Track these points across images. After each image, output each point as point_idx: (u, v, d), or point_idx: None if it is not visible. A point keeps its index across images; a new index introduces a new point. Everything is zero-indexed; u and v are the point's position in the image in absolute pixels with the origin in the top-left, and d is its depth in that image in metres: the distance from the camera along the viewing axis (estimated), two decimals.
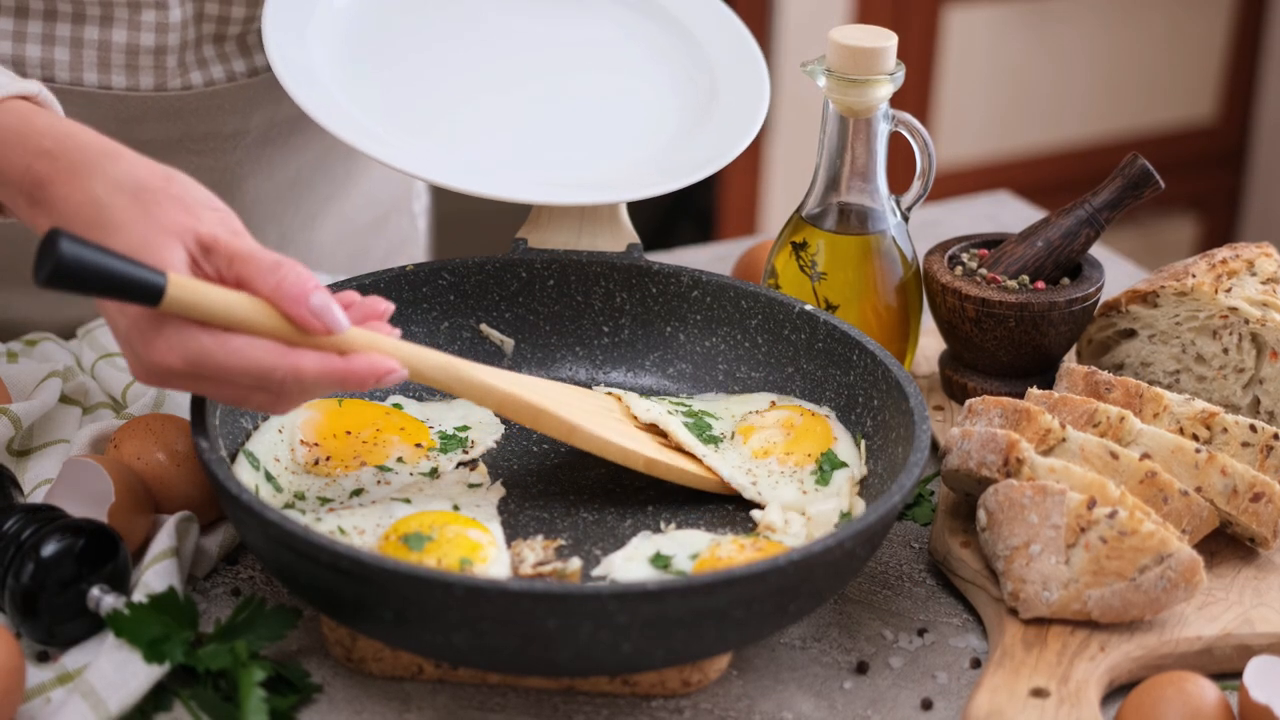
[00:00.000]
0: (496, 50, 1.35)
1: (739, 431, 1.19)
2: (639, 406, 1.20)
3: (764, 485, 1.16)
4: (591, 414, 1.16)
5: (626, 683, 1.04)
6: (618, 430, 1.16)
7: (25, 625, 1.04)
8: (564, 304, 1.27)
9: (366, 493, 1.14)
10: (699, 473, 1.16)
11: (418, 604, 0.95)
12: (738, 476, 1.16)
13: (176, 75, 1.31)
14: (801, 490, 1.15)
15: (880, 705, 1.05)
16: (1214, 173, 3.52)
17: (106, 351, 1.31)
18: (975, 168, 3.24)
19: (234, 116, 1.35)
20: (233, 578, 1.14)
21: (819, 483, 1.15)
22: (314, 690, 1.04)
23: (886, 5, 3.03)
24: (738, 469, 1.17)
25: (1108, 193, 1.30)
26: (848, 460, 1.17)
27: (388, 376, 1.01)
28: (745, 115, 1.32)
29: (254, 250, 1.00)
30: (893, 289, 1.28)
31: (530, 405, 1.11)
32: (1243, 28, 3.42)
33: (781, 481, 1.16)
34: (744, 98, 1.34)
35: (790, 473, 1.16)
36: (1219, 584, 1.13)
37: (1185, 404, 1.17)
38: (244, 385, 0.99)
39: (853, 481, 1.15)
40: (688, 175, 1.26)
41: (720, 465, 1.16)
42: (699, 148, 1.30)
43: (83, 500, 1.09)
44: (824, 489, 1.15)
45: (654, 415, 1.19)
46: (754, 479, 1.16)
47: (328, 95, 1.25)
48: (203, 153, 1.36)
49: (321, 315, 0.99)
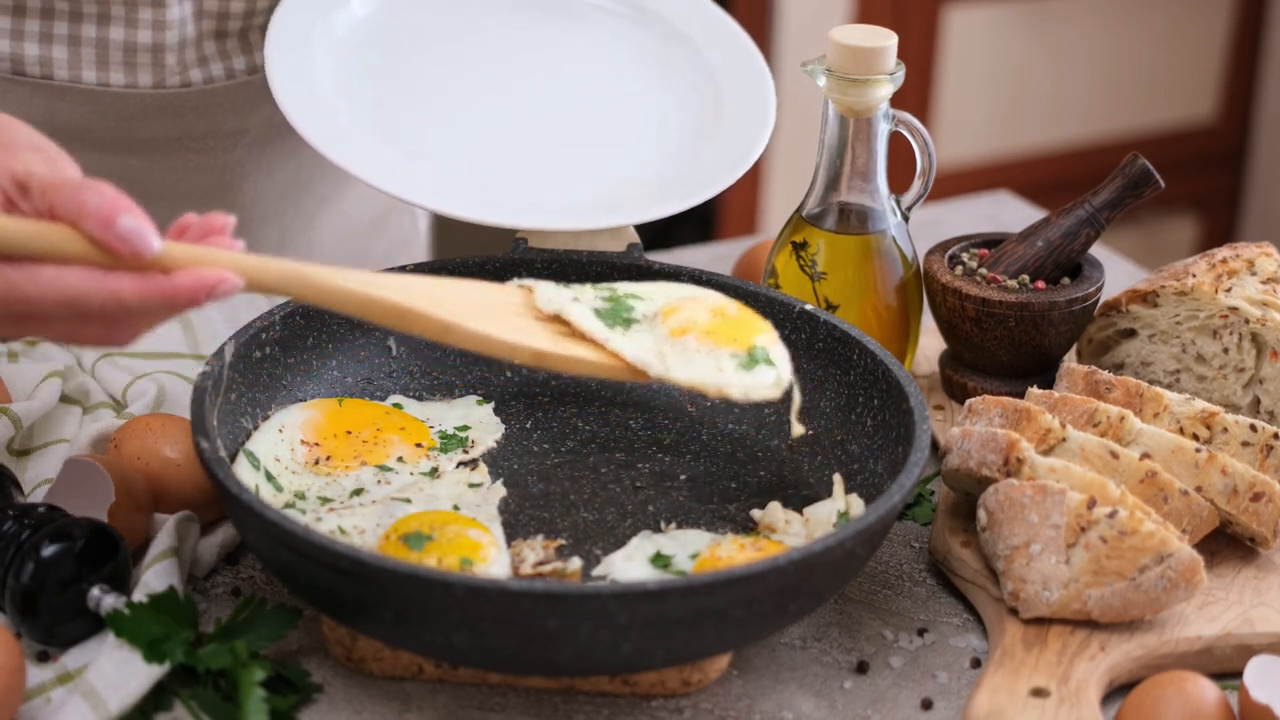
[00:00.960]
0: (502, 70, 1.34)
1: (663, 312, 1.09)
2: (543, 297, 1.08)
3: (674, 362, 1.05)
4: (475, 309, 1.05)
5: (626, 682, 1.04)
6: (505, 325, 1.05)
7: (25, 625, 1.04)
8: None
9: (367, 492, 1.14)
10: (598, 360, 1.05)
11: (418, 604, 0.95)
12: (643, 355, 1.05)
13: (175, 73, 1.31)
14: (718, 368, 1.05)
15: (880, 705, 1.05)
16: (1214, 173, 3.52)
17: (107, 351, 1.31)
18: (975, 168, 3.24)
19: (233, 115, 1.35)
20: (233, 577, 1.14)
21: (741, 367, 1.05)
22: (314, 690, 1.04)
23: (886, 5, 3.03)
24: (646, 348, 1.06)
25: (1108, 192, 1.30)
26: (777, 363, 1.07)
27: (218, 288, 0.94)
28: (751, 130, 1.31)
29: (66, 178, 0.95)
30: (893, 289, 1.28)
31: (394, 305, 1.01)
32: (1243, 28, 3.42)
33: (696, 359, 1.05)
34: (749, 112, 1.33)
35: (708, 350, 1.06)
36: (1219, 584, 1.13)
37: (1185, 404, 1.17)
38: (64, 318, 0.94)
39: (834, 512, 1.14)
40: (694, 194, 1.25)
41: (624, 346, 1.05)
42: (704, 165, 1.29)
43: (83, 500, 1.09)
44: (746, 375, 1.05)
45: (555, 305, 1.07)
46: (663, 356, 1.05)
47: (332, 122, 1.24)
48: (202, 151, 1.36)
49: (129, 239, 0.93)
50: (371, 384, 1.24)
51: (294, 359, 1.20)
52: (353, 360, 1.23)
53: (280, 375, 1.19)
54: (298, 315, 1.19)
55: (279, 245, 1.45)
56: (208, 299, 0.94)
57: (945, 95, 3.16)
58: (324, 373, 1.22)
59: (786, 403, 1.22)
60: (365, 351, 1.24)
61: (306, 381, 1.21)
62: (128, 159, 1.34)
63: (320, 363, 1.22)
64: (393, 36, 1.33)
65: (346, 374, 1.23)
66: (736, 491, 1.18)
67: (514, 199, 1.25)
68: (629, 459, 1.20)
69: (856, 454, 1.17)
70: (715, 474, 1.19)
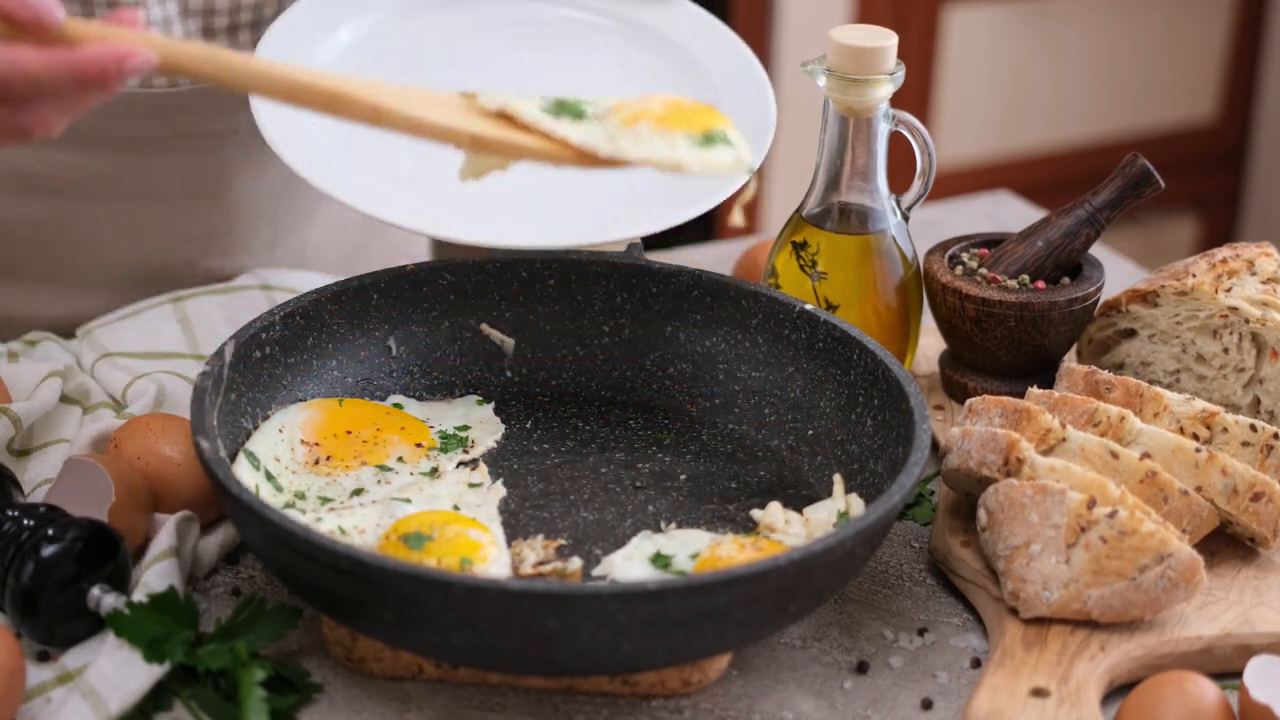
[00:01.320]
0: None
1: (614, 108, 1.05)
2: (489, 95, 1.04)
3: (625, 143, 1.01)
4: (412, 100, 1.01)
5: (626, 682, 1.04)
6: (443, 114, 1.02)
7: (25, 625, 1.04)
8: (564, 304, 1.27)
9: (367, 492, 1.14)
10: (541, 146, 1.01)
11: (418, 604, 0.95)
12: (592, 138, 1.02)
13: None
14: (671, 146, 1.02)
15: (880, 705, 1.05)
16: (1214, 173, 3.51)
17: (106, 351, 1.31)
18: (975, 168, 3.24)
19: (222, 114, 1.35)
20: (233, 577, 1.14)
21: (698, 145, 1.02)
22: (314, 690, 1.04)
23: (886, 5, 3.03)
24: (595, 134, 1.02)
25: (1108, 192, 1.30)
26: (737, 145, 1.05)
27: (127, 61, 0.90)
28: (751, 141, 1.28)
29: None
30: (893, 289, 1.28)
31: (324, 89, 0.98)
32: (1243, 28, 3.42)
33: (649, 140, 1.02)
34: (749, 123, 1.30)
35: (662, 134, 1.03)
36: (1219, 584, 1.13)
37: (1185, 404, 1.17)
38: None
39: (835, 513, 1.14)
40: (689, 208, 1.23)
41: (571, 131, 1.02)
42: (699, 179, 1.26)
43: (83, 500, 1.09)
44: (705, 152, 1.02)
45: (501, 100, 1.04)
46: (613, 139, 1.02)
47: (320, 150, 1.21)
48: (191, 150, 1.36)
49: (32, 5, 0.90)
50: (371, 384, 1.24)
51: (294, 359, 1.20)
52: (353, 360, 1.23)
53: (280, 375, 1.19)
54: (298, 315, 1.19)
55: (271, 243, 1.45)
56: (117, 74, 0.90)
57: (945, 95, 3.16)
58: (324, 373, 1.22)
59: (785, 394, 1.23)
60: (365, 351, 1.24)
61: (306, 381, 1.21)
62: (116, 158, 1.34)
63: (320, 363, 1.22)
64: (384, 61, 1.31)
65: (346, 374, 1.23)
66: (736, 491, 1.18)
67: (509, 218, 1.22)
68: (629, 459, 1.20)
69: (856, 454, 1.17)
70: (715, 474, 1.19)
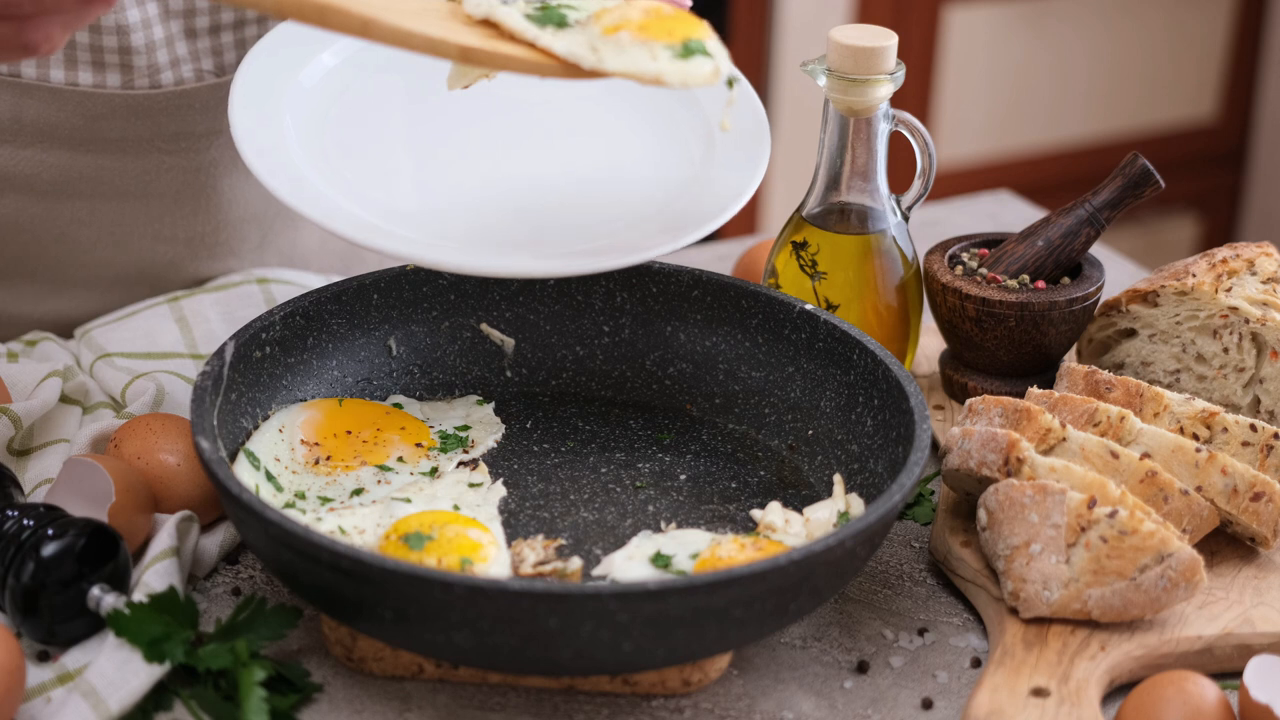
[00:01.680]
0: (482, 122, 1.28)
1: (595, 14, 1.08)
2: (471, 2, 1.07)
3: (607, 54, 1.04)
4: (399, 10, 1.03)
5: (627, 682, 1.04)
6: (430, 24, 1.04)
7: (26, 624, 1.04)
8: (564, 304, 1.27)
9: (367, 492, 1.14)
10: (527, 57, 1.04)
11: (418, 603, 0.95)
12: (575, 49, 1.04)
13: (145, 74, 1.30)
14: (652, 58, 1.04)
15: (881, 704, 1.05)
16: (1214, 172, 3.51)
17: (104, 352, 1.31)
18: (975, 167, 3.24)
19: (205, 116, 1.35)
20: (233, 577, 1.14)
21: (677, 57, 1.04)
22: (314, 690, 1.04)
23: (886, 5, 3.03)
24: (578, 44, 1.05)
25: (1108, 192, 1.30)
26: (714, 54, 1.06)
27: None
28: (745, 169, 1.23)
29: None
30: (893, 288, 1.28)
31: (313, 3, 1.00)
32: (1243, 27, 3.42)
33: (630, 50, 1.04)
34: (743, 150, 1.25)
35: (643, 44, 1.05)
36: (1219, 583, 1.13)
37: (1185, 403, 1.17)
38: None
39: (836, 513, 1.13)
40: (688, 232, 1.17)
41: (554, 42, 1.05)
42: (691, 207, 1.22)
43: (83, 500, 1.09)
44: (684, 64, 1.04)
45: (485, 8, 1.07)
46: (595, 50, 1.05)
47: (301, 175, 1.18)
48: (175, 152, 1.35)
49: None
50: (371, 384, 1.24)
51: (294, 359, 1.20)
52: (353, 360, 1.23)
53: (280, 375, 1.19)
54: (298, 315, 1.20)
55: (260, 246, 1.44)
56: None
57: (945, 95, 3.16)
58: (324, 373, 1.22)
59: (785, 394, 1.23)
60: (365, 351, 1.24)
61: (306, 381, 1.21)
62: (98, 158, 1.33)
63: (320, 363, 1.22)
64: (366, 89, 1.27)
65: (346, 374, 1.23)
66: (736, 491, 1.18)
67: (495, 245, 1.18)
68: (629, 459, 1.21)
69: (856, 454, 1.17)
70: (715, 474, 1.19)
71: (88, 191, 1.35)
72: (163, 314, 1.34)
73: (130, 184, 1.36)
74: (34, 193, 1.34)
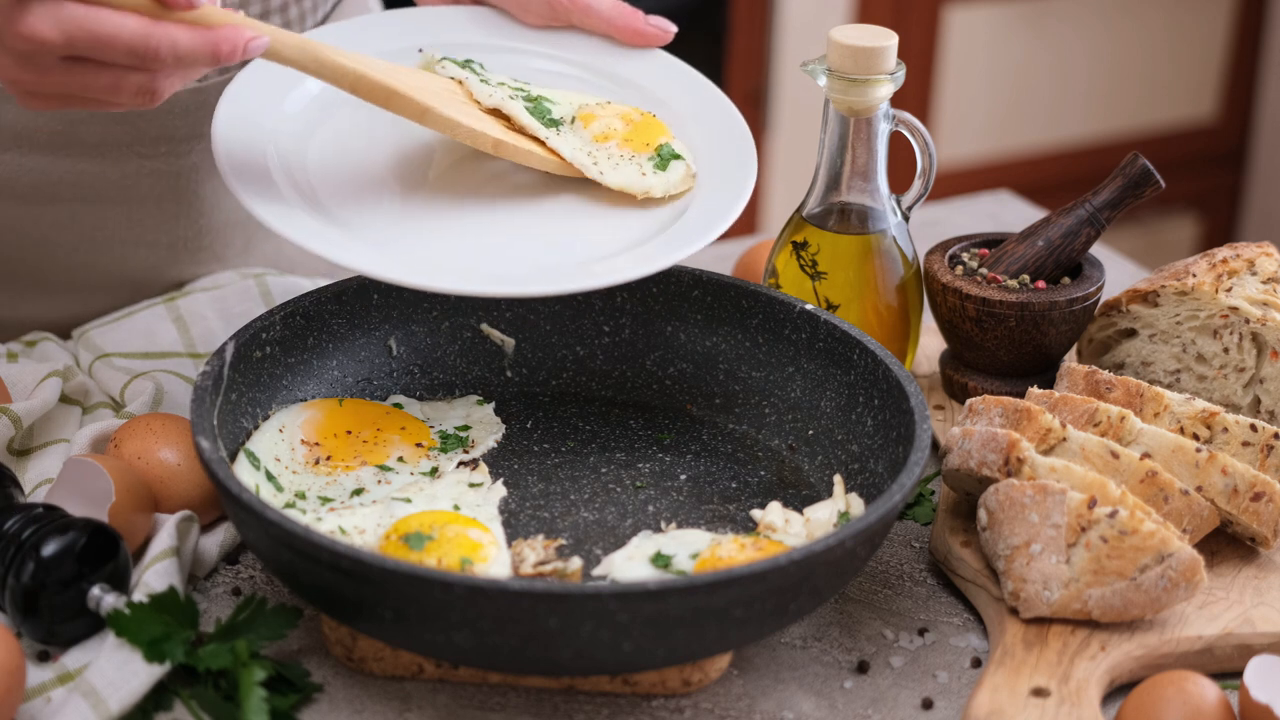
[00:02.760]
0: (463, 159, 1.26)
1: (579, 118, 1.24)
2: (481, 91, 1.23)
3: (605, 165, 1.21)
4: (441, 96, 1.19)
5: (627, 682, 1.04)
6: (466, 113, 1.19)
7: (26, 624, 1.04)
8: (564, 304, 1.27)
9: (367, 492, 1.14)
10: (544, 155, 1.20)
11: (418, 603, 0.95)
12: (580, 157, 1.21)
13: None
14: (641, 173, 1.21)
15: (881, 705, 1.05)
16: (1214, 172, 3.51)
17: (103, 352, 1.31)
18: (975, 167, 3.24)
19: (185, 121, 1.34)
20: (233, 577, 1.14)
21: (658, 168, 1.21)
22: (314, 690, 1.04)
23: (886, 5, 3.03)
24: (579, 150, 1.22)
25: (1108, 192, 1.30)
26: (683, 154, 1.23)
27: (253, 43, 1.04)
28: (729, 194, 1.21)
29: None
30: (893, 288, 1.28)
31: (383, 86, 1.14)
32: (1243, 27, 3.42)
33: (622, 163, 1.21)
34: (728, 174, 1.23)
35: (629, 156, 1.22)
36: (1219, 583, 1.13)
37: (1186, 403, 1.17)
38: (119, 64, 1.01)
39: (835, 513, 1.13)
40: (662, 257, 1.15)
41: (562, 146, 1.22)
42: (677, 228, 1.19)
43: (83, 500, 1.09)
44: (662, 176, 1.21)
45: (497, 100, 1.22)
46: (595, 160, 1.22)
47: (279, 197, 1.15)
48: (154, 156, 1.35)
49: None
50: (371, 384, 1.24)
51: (294, 359, 1.20)
52: (353, 360, 1.23)
53: (280, 375, 1.19)
54: (298, 315, 1.20)
55: (245, 250, 1.44)
56: (244, 52, 1.04)
57: (945, 95, 3.16)
58: (324, 373, 1.22)
59: (785, 394, 1.23)
60: (365, 351, 1.24)
61: (306, 381, 1.21)
62: (77, 162, 1.33)
63: (320, 363, 1.22)
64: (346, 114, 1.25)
65: (346, 374, 1.23)
66: (736, 491, 1.18)
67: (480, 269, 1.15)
68: (629, 459, 1.21)
69: (857, 454, 1.17)
70: (715, 474, 1.19)
71: (67, 195, 1.34)
72: (160, 314, 1.34)
73: (110, 189, 1.35)
74: (13, 197, 1.34)
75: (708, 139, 1.26)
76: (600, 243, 1.18)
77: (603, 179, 1.20)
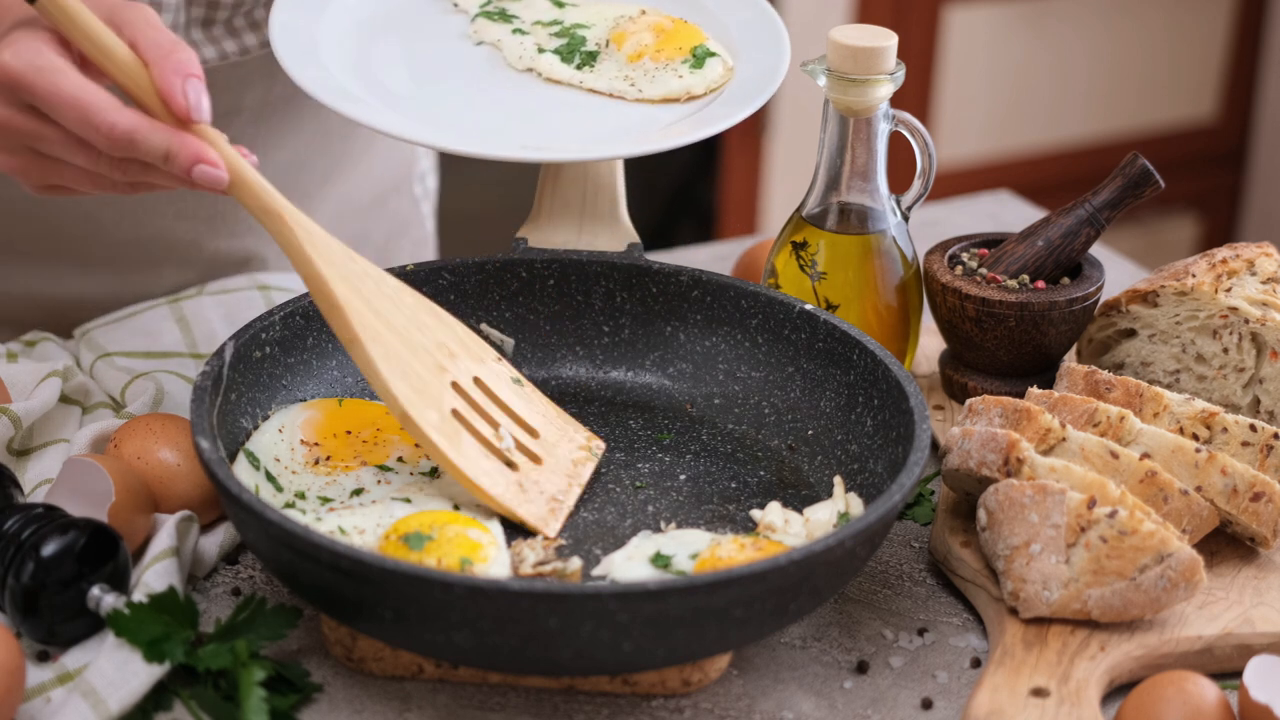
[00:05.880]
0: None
1: (612, 40, 1.28)
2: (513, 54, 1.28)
3: (643, 83, 1.26)
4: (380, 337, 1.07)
5: (627, 682, 1.04)
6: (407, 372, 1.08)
7: (25, 624, 1.04)
8: (564, 303, 1.27)
9: (367, 492, 1.14)
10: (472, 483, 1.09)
11: (418, 603, 0.95)
12: (617, 85, 1.26)
13: None
14: (678, 76, 1.25)
15: (880, 705, 1.05)
16: (1214, 172, 3.52)
17: (105, 351, 1.31)
18: (975, 167, 3.24)
19: (226, 95, 1.35)
20: (233, 577, 1.14)
21: (693, 68, 1.26)
22: (314, 690, 1.04)
23: (886, 5, 3.03)
24: (616, 78, 1.26)
25: (1108, 192, 1.30)
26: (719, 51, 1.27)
27: (208, 171, 1.00)
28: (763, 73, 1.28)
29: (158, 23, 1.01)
30: (893, 288, 1.28)
31: (328, 298, 1.06)
32: (1243, 27, 3.42)
33: (659, 75, 1.26)
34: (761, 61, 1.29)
35: (665, 66, 1.26)
36: (1219, 583, 1.13)
37: (1185, 403, 1.17)
38: (66, 129, 0.99)
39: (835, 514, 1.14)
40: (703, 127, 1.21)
41: (598, 81, 1.26)
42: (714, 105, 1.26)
43: (83, 500, 1.09)
44: (699, 73, 1.25)
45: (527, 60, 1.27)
46: (632, 81, 1.26)
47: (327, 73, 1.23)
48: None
49: (190, 95, 0.99)
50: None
51: (294, 359, 1.20)
52: (353, 360, 1.23)
53: (280, 375, 1.19)
54: (298, 315, 1.20)
55: None
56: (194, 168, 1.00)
57: (945, 95, 3.17)
58: (324, 373, 1.22)
59: (785, 394, 1.23)
60: None
61: (306, 381, 1.21)
62: None
63: (320, 363, 1.22)
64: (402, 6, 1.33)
65: (346, 374, 1.23)
66: (736, 491, 1.18)
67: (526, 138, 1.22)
68: (629, 459, 1.20)
69: (856, 454, 1.17)
70: (715, 474, 1.19)
71: None
72: (163, 314, 1.35)
73: None
74: None
75: (741, 31, 1.32)
76: (653, 116, 1.25)
77: (643, 96, 1.25)
